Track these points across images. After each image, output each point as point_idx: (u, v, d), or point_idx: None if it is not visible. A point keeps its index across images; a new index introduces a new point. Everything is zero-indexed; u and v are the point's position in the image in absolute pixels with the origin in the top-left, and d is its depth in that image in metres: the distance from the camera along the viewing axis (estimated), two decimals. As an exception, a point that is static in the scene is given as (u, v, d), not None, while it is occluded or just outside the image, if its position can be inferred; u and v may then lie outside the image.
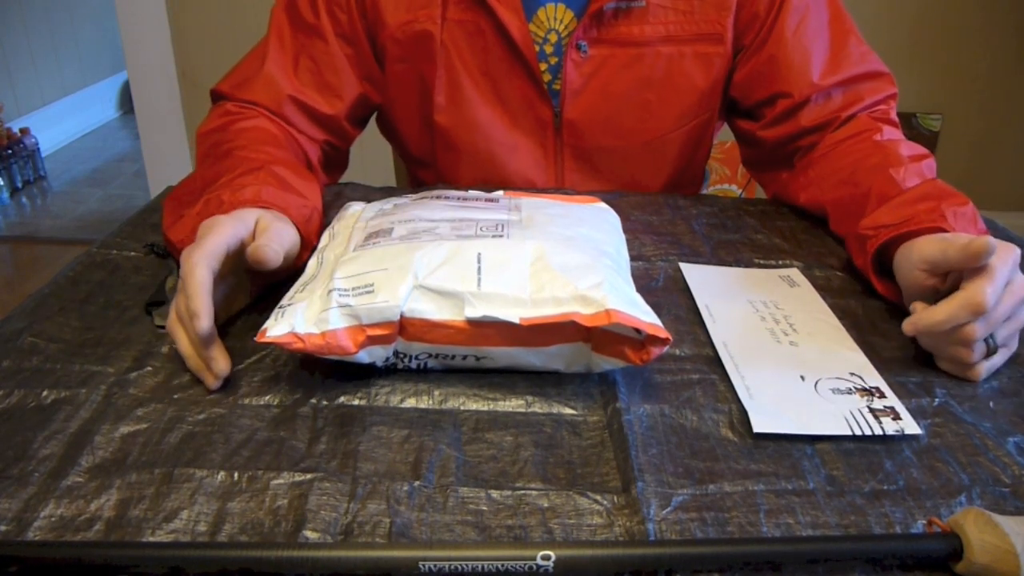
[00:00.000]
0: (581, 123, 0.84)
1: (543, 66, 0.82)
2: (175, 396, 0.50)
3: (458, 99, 0.83)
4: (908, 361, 0.55)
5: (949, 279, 0.55)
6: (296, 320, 0.49)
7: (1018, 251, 0.53)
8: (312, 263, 0.57)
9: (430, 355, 0.52)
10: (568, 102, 0.82)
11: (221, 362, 0.51)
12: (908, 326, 0.54)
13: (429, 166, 0.90)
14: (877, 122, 0.78)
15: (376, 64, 0.84)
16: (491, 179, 0.86)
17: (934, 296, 0.55)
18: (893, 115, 0.81)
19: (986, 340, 0.53)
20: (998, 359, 0.54)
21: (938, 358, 0.55)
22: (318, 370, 0.53)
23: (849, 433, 0.47)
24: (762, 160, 0.88)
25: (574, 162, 0.86)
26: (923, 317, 0.53)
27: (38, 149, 2.91)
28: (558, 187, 0.87)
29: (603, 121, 0.84)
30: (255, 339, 0.49)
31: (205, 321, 0.50)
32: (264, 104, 0.80)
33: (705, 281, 0.65)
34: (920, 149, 0.72)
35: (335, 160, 0.90)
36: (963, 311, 0.51)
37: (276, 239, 0.55)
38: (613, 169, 0.87)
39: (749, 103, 0.85)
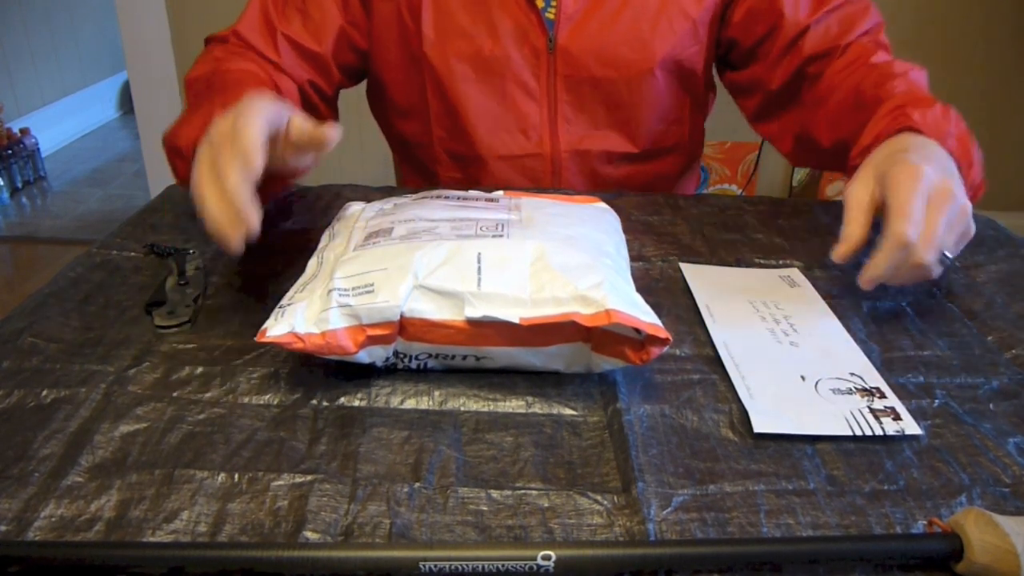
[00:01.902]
0: (575, 50, 0.84)
1: None
2: (174, 394, 0.50)
3: (447, 30, 0.83)
4: (909, 362, 0.55)
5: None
6: (296, 320, 0.49)
7: (925, 170, 0.56)
8: (312, 263, 0.57)
9: (430, 355, 0.52)
10: (562, 28, 0.83)
11: (255, 218, 0.50)
12: (863, 283, 0.57)
13: (418, 115, 0.90)
14: (870, 45, 0.80)
15: (362, 9, 0.85)
16: (481, 116, 0.86)
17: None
18: (882, 38, 0.83)
19: (942, 255, 0.56)
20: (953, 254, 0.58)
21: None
22: (318, 370, 0.53)
23: (849, 433, 0.47)
24: (771, 104, 0.88)
25: (567, 93, 0.86)
26: (871, 276, 0.56)
27: (38, 149, 2.91)
28: (551, 120, 0.87)
29: (597, 50, 0.84)
30: (255, 339, 0.49)
31: (258, 159, 0.49)
32: (252, 38, 0.82)
33: (705, 281, 0.65)
34: (912, 65, 0.75)
35: (320, 113, 0.89)
36: (895, 251, 0.55)
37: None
38: (605, 102, 0.87)
39: (751, 42, 0.86)
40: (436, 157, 0.91)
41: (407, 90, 0.89)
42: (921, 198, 0.55)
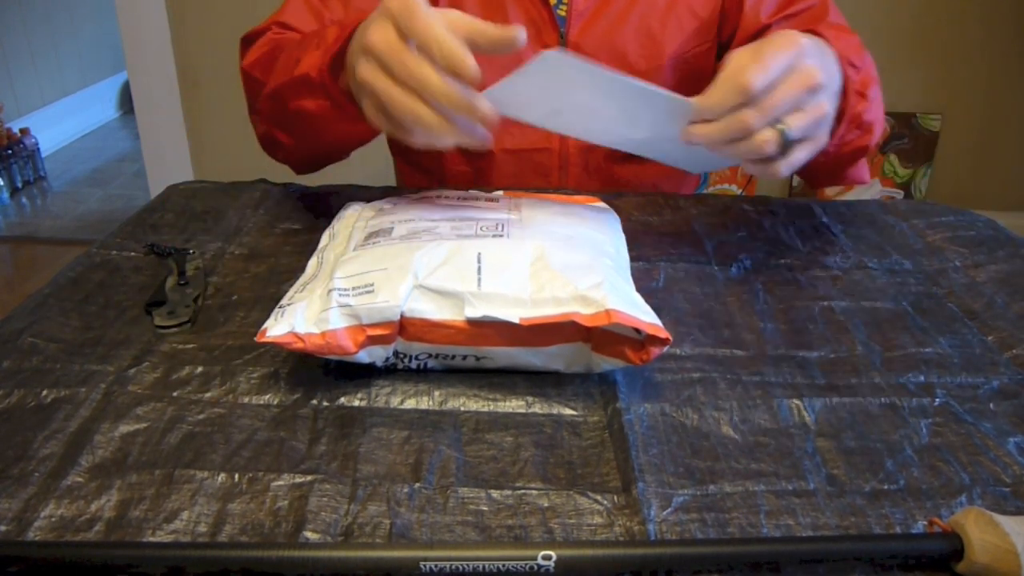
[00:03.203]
0: (586, 48, 0.84)
1: None
2: (174, 394, 0.50)
3: None
4: (909, 361, 0.55)
5: None
6: (296, 320, 0.49)
7: (806, 42, 0.53)
8: (312, 263, 0.57)
9: (430, 355, 0.51)
10: (574, 25, 0.84)
11: (488, 107, 0.48)
12: (684, 135, 0.54)
13: None
14: None
15: None
16: None
17: None
18: None
19: (781, 132, 0.52)
20: (802, 154, 0.54)
21: (743, 161, 0.55)
22: (318, 370, 0.52)
23: None
24: None
25: None
26: (699, 108, 0.53)
27: (38, 149, 2.91)
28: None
29: (607, 47, 0.85)
30: (255, 339, 0.49)
31: (472, 62, 0.47)
32: (300, 25, 0.81)
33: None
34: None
35: None
36: (731, 93, 0.51)
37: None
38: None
39: (725, 35, 0.88)
40: (444, 151, 0.91)
41: None
42: (785, 62, 0.52)
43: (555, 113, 0.59)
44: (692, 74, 0.89)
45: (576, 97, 0.56)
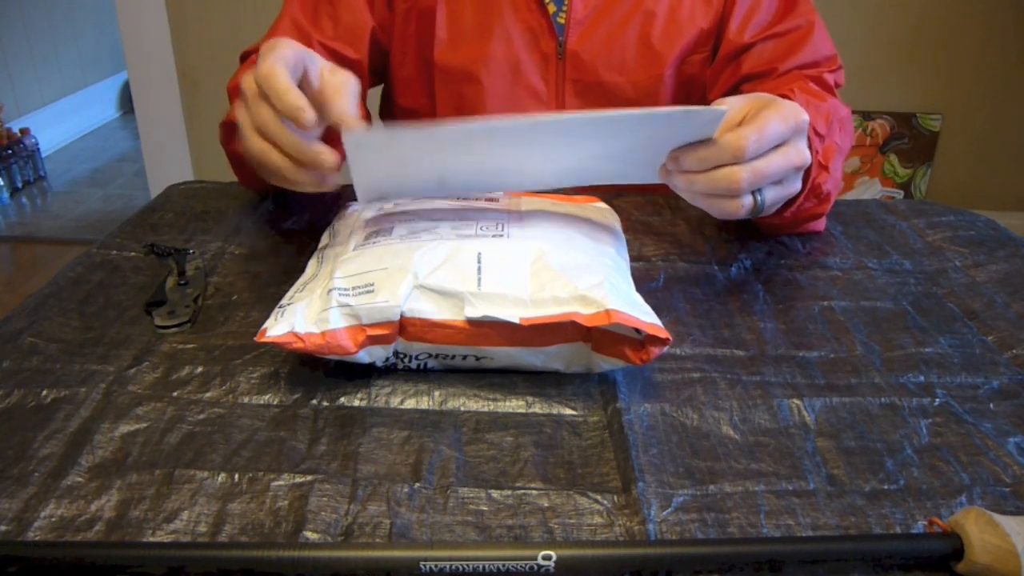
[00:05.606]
0: (584, 55, 0.84)
1: None
2: (174, 394, 0.50)
3: (460, 34, 0.84)
4: (909, 361, 0.55)
5: None
6: (296, 320, 0.49)
7: (805, 120, 0.54)
8: (312, 263, 0.57)
9: (430, 355, 0.51)
10: (572, 32, 0.83)
11: (328, 155, 0.50)
12: (669, 163, 0.55)
13: (426, 116, 0.90)
14: (808, 80, 0.79)
15: (387, 10, 0.86)
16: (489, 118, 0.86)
17: None
18: (826, 76, 0.81)
19: (754, 195, 0.54)
20: (758, 215, 0.57)
21: (698, 198, 0.56)
22: (318, 370, 0.52)
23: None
24: None
25: (575, 98, 0.86)
26: (685, 153, 0.54)
27: (38, 149, 2.91)
28: None
29: (606, 54, 0.84)
30: (255, 339, 0.49)
31: (309, 112, 0.49)
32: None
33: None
34: (841, 104, 0.74)
35: None
36: (723, 152, 0.52)
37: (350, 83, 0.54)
38: (612, 107, 0.86)
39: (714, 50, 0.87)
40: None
41: (416, 91, 0.89)
42: (784, 134, 0.54)
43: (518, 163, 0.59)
44: (691, 83, 0.88)
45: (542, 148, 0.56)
